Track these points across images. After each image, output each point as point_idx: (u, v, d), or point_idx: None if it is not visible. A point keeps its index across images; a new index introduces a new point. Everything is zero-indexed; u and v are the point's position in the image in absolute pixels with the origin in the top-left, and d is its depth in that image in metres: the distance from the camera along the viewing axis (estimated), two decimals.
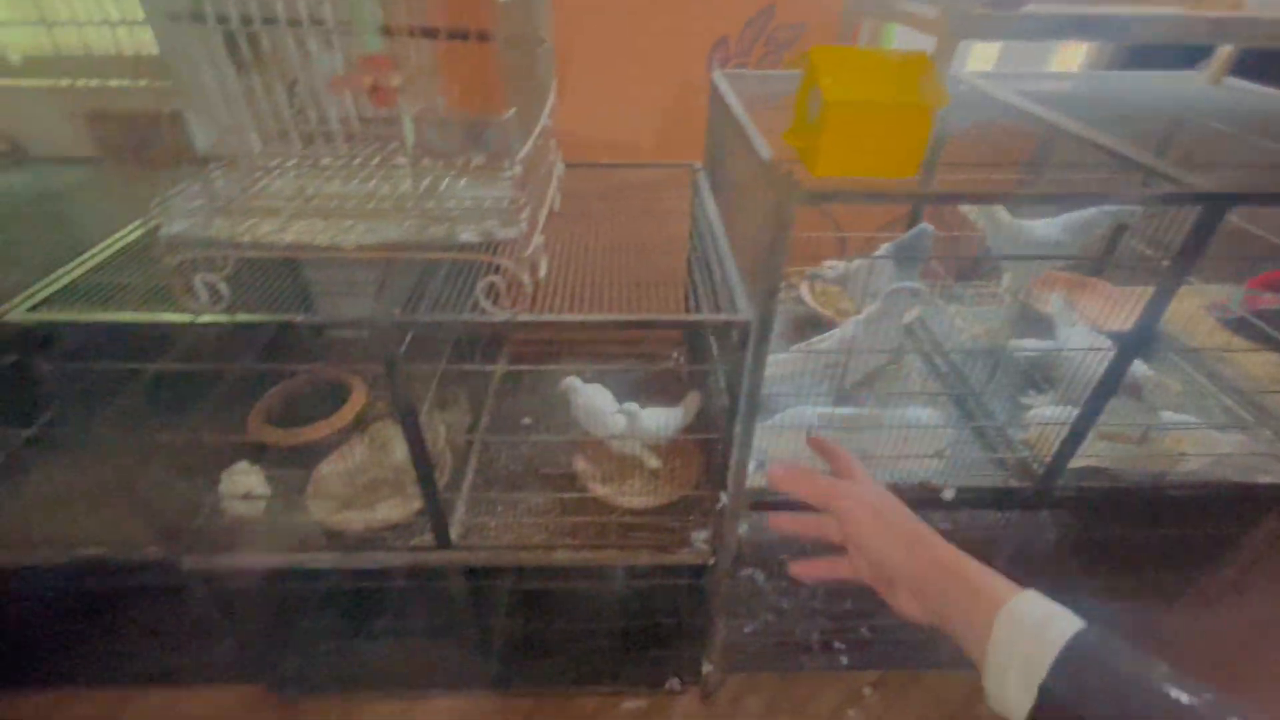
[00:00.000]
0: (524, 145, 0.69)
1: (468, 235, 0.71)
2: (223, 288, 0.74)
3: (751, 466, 0.87)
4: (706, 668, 1.22)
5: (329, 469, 1.11)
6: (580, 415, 1.11)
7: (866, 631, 1.34)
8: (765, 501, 0.90)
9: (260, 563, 1.02)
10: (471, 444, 1.22)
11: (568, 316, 0.77)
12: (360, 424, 1.21)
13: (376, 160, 0.86)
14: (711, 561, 1.02)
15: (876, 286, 1.17)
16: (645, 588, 1.29)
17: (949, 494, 0.90)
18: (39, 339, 0.77)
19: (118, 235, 0.93)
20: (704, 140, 1.22)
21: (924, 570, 0.46)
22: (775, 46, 1.30)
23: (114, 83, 1.24)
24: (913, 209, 1.33)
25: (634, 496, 1.09)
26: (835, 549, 0.51)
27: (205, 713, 1.29)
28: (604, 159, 1.34)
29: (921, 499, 0.92)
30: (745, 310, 0.78)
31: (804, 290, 1.35)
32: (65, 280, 0.82)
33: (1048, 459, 0.91)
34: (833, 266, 1.27)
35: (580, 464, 1.14)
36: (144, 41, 1.25)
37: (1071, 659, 0.38)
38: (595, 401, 1.10)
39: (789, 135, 0.73)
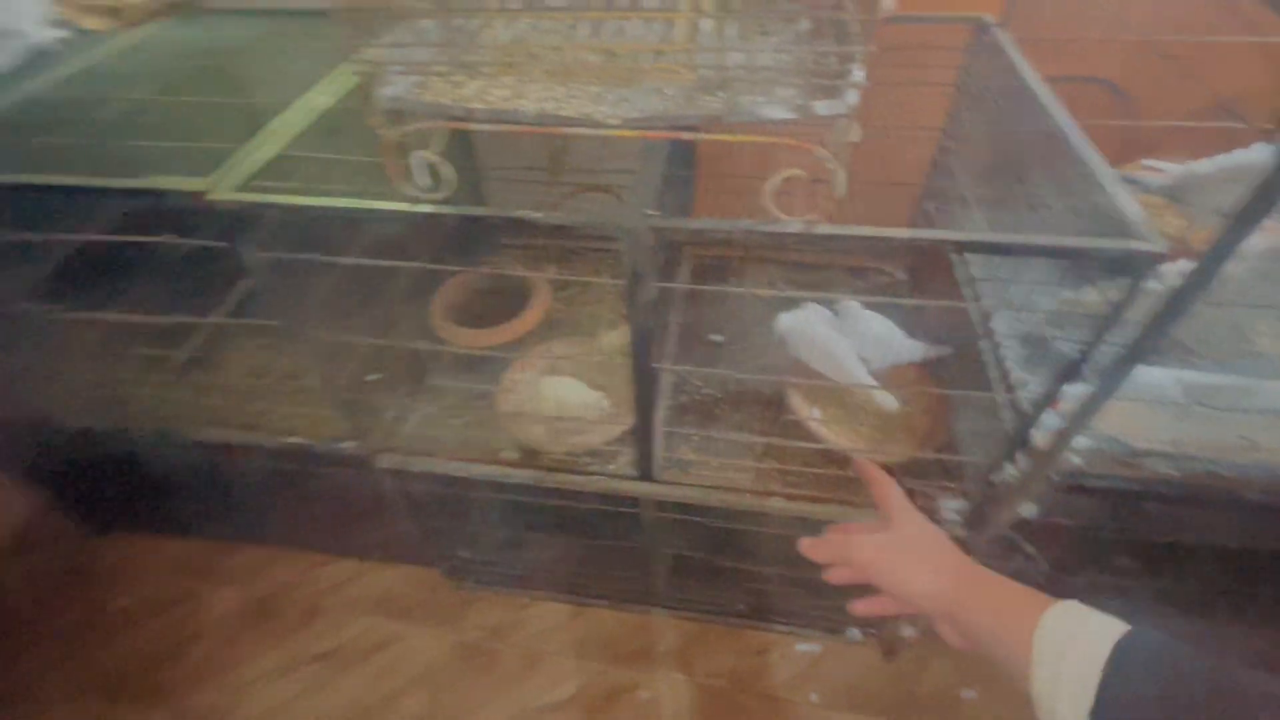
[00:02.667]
0: None
1: (775, 110, 0.51)
2: (446, 170, 0.60)
3: (1086, 441, 0.66)
4: (908, 630, 1.09)
5: (517, 378, 1.01)
6: (804, 351, 0.92)
7: None
8: (1080, 484, 0.70)
9: (452, 470, 0.96)
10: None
11: (892, 232, 0.56)
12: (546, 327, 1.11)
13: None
14: (962, 535, 0.84)
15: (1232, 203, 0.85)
16: None
17: None
18: (243, 221, 0.68)
19: (310, 98, 0.81)
20: None
21: (951, 594, 0.44)
22: None
23: None
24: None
25: (868, 447, 0.91)
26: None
27: (387, 585, 1.36)
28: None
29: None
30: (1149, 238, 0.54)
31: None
32: (269, 153, 0.71)
33: None
34: (1158, 169, 0.95)
35: (795, 399, 0.97)
36: None
37: (1121, 673, 0.33)
38: (827, 337, 0.90)
39: None
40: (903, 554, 0.48)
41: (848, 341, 0.90)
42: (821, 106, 0.50)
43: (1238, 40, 0.95)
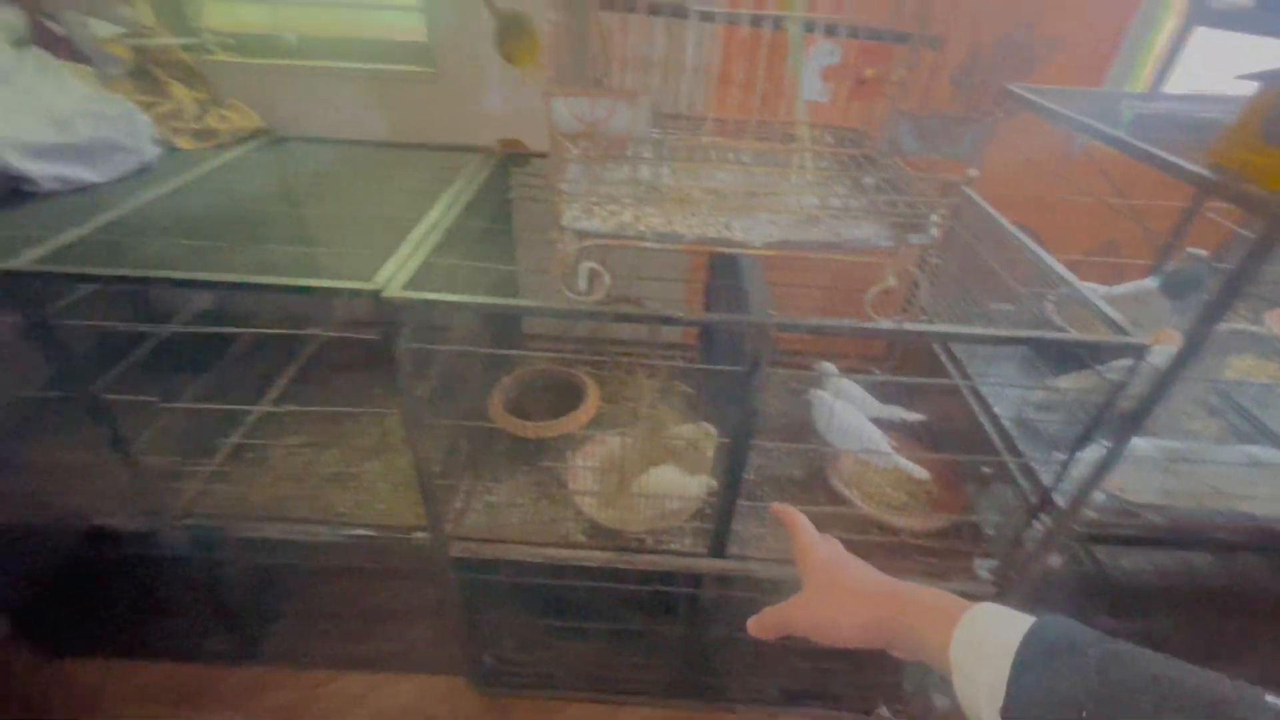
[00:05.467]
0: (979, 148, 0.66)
1: (882, 239, 0.69)
2: (607, 278, 0.73)
3: (1102, 497, 0.83)
4: (941, 701, 1.17)
5: (584, 464, 1.09)
6: (825, 429, 1.08)
7: None
8: (1105, 535, 0.86)
9: (524, 555, 1.00)
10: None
11: (959, 329, 0.73)
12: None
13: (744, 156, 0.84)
14: (994, 594, 0.97)
15: (1142, 318, 1.12)
16: None
17: None
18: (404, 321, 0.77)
19: (431, 217, 0.93)
20: None
21: (876, 634, 0.43)
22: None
23: (383, 66, 1.25)
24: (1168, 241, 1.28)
25: (906, 516, 1.05)
26: None
27: (405, 699, 1.28)
28: None
29: (1257, 541, 0.86)
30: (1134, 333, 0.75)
31: (1049, 310, 1.29)
32: (417, 260, 0.81)
33: None
34: (1090, 289, 1.22)
35: (834, 479, 1.10)
36: (412, 29, 1.26)
37: (1026, 667, 0.35)
38: (848, 418, 1.06)
39: (1226, 152, 0.69)
40: (823, 613, 0.46)
41: (863, 416, 1.06)
42: (914, 238, 0.68)
43: (1109, 200, 1.29)
